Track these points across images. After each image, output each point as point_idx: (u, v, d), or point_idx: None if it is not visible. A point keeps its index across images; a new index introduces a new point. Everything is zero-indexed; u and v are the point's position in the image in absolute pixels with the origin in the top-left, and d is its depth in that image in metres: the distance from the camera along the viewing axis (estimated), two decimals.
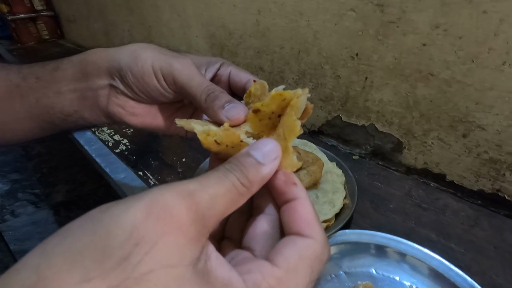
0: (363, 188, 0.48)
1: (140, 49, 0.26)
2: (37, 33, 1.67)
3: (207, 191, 0.14)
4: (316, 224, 0.17)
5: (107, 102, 0.28)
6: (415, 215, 0.43)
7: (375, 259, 0.35)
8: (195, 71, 0.26)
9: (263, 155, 0.17)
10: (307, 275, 0.16)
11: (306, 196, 0.18)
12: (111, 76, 0.27)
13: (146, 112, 0.30)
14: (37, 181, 1.61)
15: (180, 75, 0.25)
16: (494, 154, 0.42)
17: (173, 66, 0.25)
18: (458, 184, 0.47)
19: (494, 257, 0.36)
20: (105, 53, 0.28)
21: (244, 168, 0.16)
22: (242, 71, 0.29)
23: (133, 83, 0.26)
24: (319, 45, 0.56)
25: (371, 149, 0.56)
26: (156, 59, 0.26)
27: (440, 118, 0.46)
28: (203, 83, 0.25)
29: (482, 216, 0.42)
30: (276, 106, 0.19)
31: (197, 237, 0.13)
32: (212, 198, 0.14)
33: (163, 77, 0.26)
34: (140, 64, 0.26)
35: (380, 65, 0.49)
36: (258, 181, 0.16)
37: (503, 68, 0.38)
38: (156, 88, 0.27)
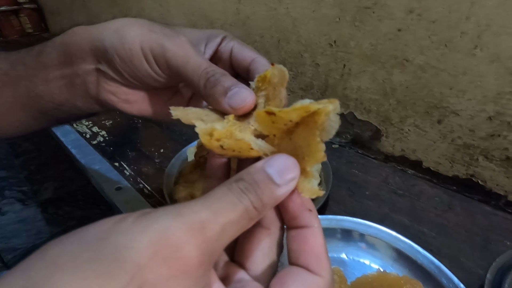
0: (341, 176, 0.48)
1: (127, 26, 0.23)
2: (20, 26, 1.62)
3: (218, 220, 0.13)
4: (325, 259, 0.16)
5: (97, 89, 0.25)
6: (390, 201, 0.43)
7: (345, 244, 0.35)
8: (191, 51, 0.22)
9: (279, 174, 0.15)
10: None
11: (320, 226, 0.16)
12: (97, 59, 0.24)
13: (141, 99, 0.26)
14: (25, 178, 1.58)
15: (173, 57, 0.22)
16: (468, 139, 0.42)
17: (165, 47, 0.22)
18: (434, 171, 0.47)
19: (464, 240, 0.37)
20: (88, 32, 0.24)
21: (260, 190, 0.14)
22: (246, 47, 0.26)
23: (121, 67, 0.23)
24: (298, 33, 0.55)
25: (350, 137, 0.56)
26: (145, 39, 0.22)
27: (416, 104, 0.45)
28: (201, 65, 0.22)
29: (456, 201, 0.42)
30: (296, 116, 0.16)
31: (203, 276, 0.13)
32: (223, 229, 0.13)
33: (155, 60, 0.23)
34: (127, 46, 0.22)
35: (358, 52, 0.49)
36: (271, 204, 0.15)
37: (474, 52, 0.38)
38: (148, 72, 0.23)
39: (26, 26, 1.63)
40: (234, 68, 0.27)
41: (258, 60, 0.24)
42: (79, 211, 1.26)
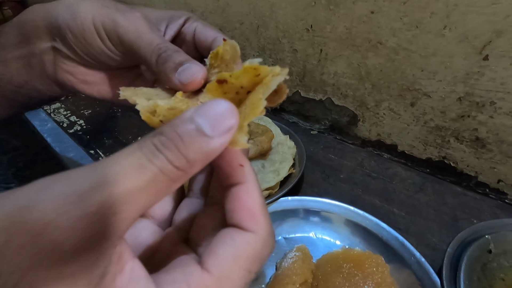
0: (317, 161, 0.48)
1: (80, 1, 0.22)
2: (3, 19, 1.58)
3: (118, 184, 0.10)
4: (260, 214, 0.14)
5: (55, 69, 0.25)
6: (364, 184, 0.43)
7: (314, 224, 0.35)
8: (144, 27, 0.22)
9: (212, 124, 0.12)
10: (243, 278, 0.14)
11: (254, 181, 0.15)
12: (52, 36, 0.24)
13: (100, 80, 0.26)
14: (13, 176, 1.56)
15: (126, 33, 0.21)
16: (439, 121, 0.42)
17: (117, 22, 0.21)
18: (409, 154, 0.47)
19: (433, 219, 0.37)
20: (43, 9, 0.23)
21: (183, 145, 0.12)
22: (209, 27, 0.25)
23: (74, 44, 0.23)
24: (276, 18, 0.55)
25: (329, 124, 0.56)
26: (97, 14, 0.22)
27: (390, 87, 0.45)
28: (153, 41, 0.21)
29: (428, 183, 0.43)
30: (247, 80, 0.16)
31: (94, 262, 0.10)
32: (124, 198, 0.11)
33: (107, 35, 0.22)
34: (79, 21, 0.22)
35: (333, 36, 0.49)
36: (201, 160, 0.12)
37: (444, 32, 0.38)
38: (100, 49, 0.23)
39: (10, 19, 1.59)
40: (198, 49, 0.26)
41: (219, 39, 0.24)
42: None
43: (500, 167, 0.40)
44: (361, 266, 0.27)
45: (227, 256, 0.13)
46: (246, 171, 0.15)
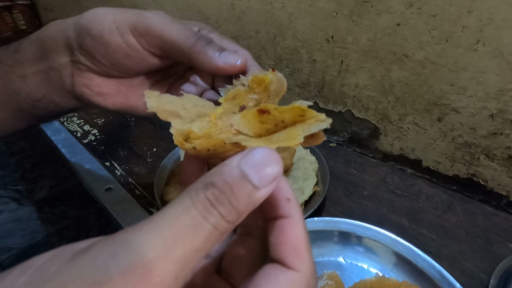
0: (338, 176, 0.47)
1: (102, 9, 0.23)
2: (13, 23, 1.59)
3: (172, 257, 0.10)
4: (304, 251, 0.14)
5: (72, 82, 0.25)
6: (389, 201, 0.42)
7: (343, 247, 0.33)
8: (170, 20, 0.22)
9: (260, 174, 0.12)
10: None
11: (300, 216, 0.15)
12: (70, 49, 0.24)
13: (115, 91, 0.26)
14: (20, 177, 1.56)
15: (154, 23, 0.22)
16: (469, 137, 0.41)
17: (144, 15, 0.22)
18: (434, 170, 0.46)
19: (465, 242, 0.35)
20: (62, 24, 0.24)
21: (234, 198, 0.12)
22: (226, 39, 0.25)
23: (92, 47, 0.23)
24: (294, 28, 0.54)
25: (348, 136, 0.55)
26: (118, 14, 0.22)
27: (415, 101, 0.44)
28: (186, 29, 0.22)
29: (456, 201, 0.41)
30: (290, 117, 0.16)
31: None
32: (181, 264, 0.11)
33: (130, 30, 0.22)
34: (98, 22, 0.22)
35: (355, 47, 0.47)
36: (248, 210, 0.12)
37: (476, 47, 0.36)
38: (120, 46, 0.23)
39: (20, 23, 1.60)
40: None
41: (241, 52, 0.23)
42: (74, 210, 1.25)
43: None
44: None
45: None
46: (293, 205, 0.15)
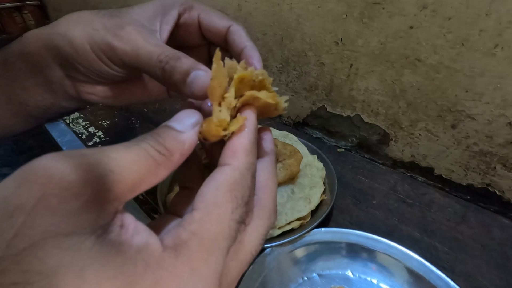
0: (346, 183, 0.45)
1: (72, 27, 0.22)
2: (23, 23, 1.61)
3: (107, 154, 0.12)
4: (241, 152, 0.16)
5: (76, 91, 0.25)
6: (399, 211, 0.40)
7: (351, 259, 0.32)
8: (139, 41, 0.21)
9: (181, 123, 0.16)
10: (229, 201, 0.14)
11: (251, 129, 0.17)
12: (62, 66, 0.24)
13: (119, 91, 0.26)
14: None
15: (124, 55, 0.21)
16: (485, 146, 0.39)
17: (113, 46, 0.21)
18: (447, 178, 0.44)
19: (480, 256, 0.34)
20: (40, 40, 0.23)
21: (159, 137, 0.14)
22: (214, 13, 0.24)
23: (84, 71, 0.23)
24: (302, 30, 0.52)
25: (356, 141, 0.53)
26: (92, 42, 0.21)
27: (427, 107, 0.42)
28: (152, 54, 0.21)
29: (470, 212, 0.39)
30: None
31: (97, 202, 0.11)
32: (115, 161, 0.12)
33: (109, 59, 0.22)
34: (80, 52, 0.22)
35: (365, 50, 0.46)
36: (179, 149, 0.15)
37: (494, 51, 0.35)
38: (109, 72, 0.23)
39: (29, 23, 1.62)
40: (207, 37, 0.25)
41: (234, 29, 0.23)
42: None
43: None
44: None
45: (209, 190, 0.15)
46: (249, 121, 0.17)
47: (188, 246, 0.13)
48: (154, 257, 0.12)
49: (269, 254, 0.31)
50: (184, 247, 0.13)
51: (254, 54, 0.22)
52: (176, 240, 0.13)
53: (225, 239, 0.14)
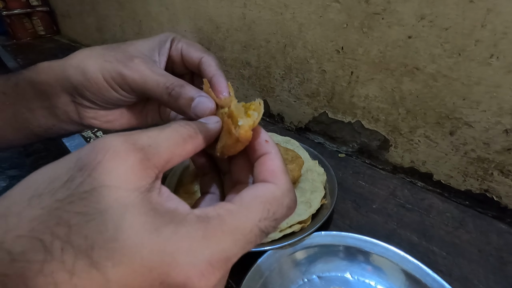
0: (346, 187, 0.46)
1: (85, 60, 0.25)
2: (32, 29, 1.65)
3: (145, 133, 0.15)
4: (280, 173, 0.18)
5: (79, 116, 0.28)
6: (398, 216, 0.41)
7: (350, 262, 0.33)
8: (146, 71, 0.24)
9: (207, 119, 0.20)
10: (260, 211, 0.16)
11: (277, 152, 0.19)
12: (70, 94, 0.26)
13: (120, 115, 0.29)
14: None
15: (133, 82, 0.24)
16: (482, 152, 0.40)
17: (123, 75, 0.24)
18: (445, 184, 0.45)
19: (477, 261, 0.34)
20: (52, 71, 0.26)
21: (186, 121, 0.18)
22: (193, 46, 0.28)
23: (93, 98, 0.26)
24: (304, 38, 0.54)
25: (357, 146, 0.54)
26: (105, 71, 0.25)
27: (426, 114, 0.43)
28: (159, 82, 0.24)
29: (468, 218, 0.40)
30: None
31: (140, 167, 0.14)
32: (152, 138, 0.15)
33: (119, 86, 0.25)
34: (92, 81, 0.25)
35: (366, 59, 0.47)
36: (203, 130, 0.18)
37: (490, 61, 0.36)
38: (117, 98, 0.26)
39: (39, 29, 1.66)
40: (187, 67, 0.29)
41: (205, 60, 0.27)
42: None
43: None
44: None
45: (248, 195, 0.16)
46: (270, 145, 0.19)
47: (209, 220, 0.14)
48: (178, 217, 0.14)
49: (271, 256, 0.32)
50: (205, 220, 0.14)
51: (221, 81, 0.25)
52: (202, 213, 0.15)
53: (243, 235, 0.15)
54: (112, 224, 0.12)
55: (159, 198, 0.14)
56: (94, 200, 0.12)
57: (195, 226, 0.14)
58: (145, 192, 0.14)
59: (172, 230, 0.13)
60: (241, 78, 0.70)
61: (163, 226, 0.13)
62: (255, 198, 0.16)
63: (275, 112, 0.66)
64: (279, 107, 0.65)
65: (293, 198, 0.18)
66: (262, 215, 0.16)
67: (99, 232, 0.12)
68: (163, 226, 0.13)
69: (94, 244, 0.12)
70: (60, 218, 0.12)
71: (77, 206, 0.12)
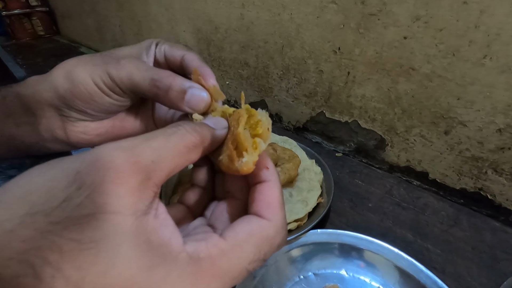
0: (343, 186, 0.47)
1: (73, 68, 0.24)
2: (32, 29, 1.65)
3: (150, 144, 0.14)
4: (277, 207, 0.17)
5: (66, 133, 0.26)
6: (394, 214, 0.42)
7: (345, 260, 0.33)
8: (132, 67, 0.24)
9: (215, 125, 0.19)
10: (252, 253, 0.16)
11: (277, 180, 0.18)
12: (57, 108, 0.25)
13: (111, 127, 0.27)
14: None
15: (121, 81, 0.24)
16: (476, 151, 0.40)
17: (111, 74, 0.23)
18: (441, 183, 0.46)
19: (471, 258, 0.35)
20: (39, 84, 0.25)
21: (194, 125, 0.17)
22: (176, 47, 0.27)
23: (84, 107, 0.25)
24: (302, 39, 0.55)
25: (354, 146, 0.55)
26: (94, 75, 0.24)
27: (421, 114, 0.44)
28: (145, 74, 0.23)
29: (463, 216, 0.41)
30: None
31: (139, 189, 0.13)
32: (156, 151, 0.14)
33: (109, 88, 0.24)
34: (82, 87, 0.24)
35: (362, 59, 0.48)
36: (209, 138, 0.17)
37: (484, 61, 0.36)
38: (111, 103, 0.25)
39: (38, 29, 1.66)
40: (171, 69, 0.27)
41: (187, 56, 0.26)
42: None
43: None
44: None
45: (242, 231, 0.16)
46: (271, 172, 0.18)
47: (200, 263, 0.14)
48: (171, 255, 0.13)
49: None
50: (197, 262, 0.14)
51: (206, 70, 0.24)
52: (194, 252, 0.14)
53: (232, 278, 0.15)
54: (106, 256, 0.12)
55: (155, 223, 0.14)
56: (90, 227, 0.12)
57: (186, 269, 0.14)
58: (141, 216, 0.13)
59: (164, 272, 0.13)
60: (239, 78, 0.71)
61: (156, 266, 0.13)
62: (249, 238, 0.16)
63: (273, 112, 0.67)
64: (277, 107, 0.66)
65: (284, 237, 0.17)
66: (254, 257, 0.16)
67: (92, 264, 0.11)
68: (156, 266, 0.13)
69: (85, 276, 0.11)
70: (53, 243, 0.11)
71: (72, 232, 0.11)
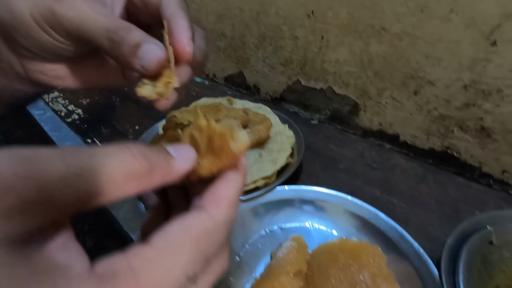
0: (316, 151, 0.47)
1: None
2: None
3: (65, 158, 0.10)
4: (224, 204, 0.14)
5: (25, 70, 0.23)
6: (364, 174, 0.42)
7: (311, 213, 0.34)
8: (85, 10, 0.19)
9: (178, 152, 0.14)
10: (189, 251, 0.12)
11: (238, 181, 0.15)
12: (6, 40, 0.21)
13: (70, 71, 0.24)
14: None
15: (68, 22, 0.19)
16: (443, 110, 0.41)
17: (56, 12, 0.19)
18: (411, 144, 0.46)
19: (434, 210, 0.36)
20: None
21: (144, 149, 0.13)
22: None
23: (25, 43, 0.21)
24: (276, 4, 0.53)
25: (330, 113, 0.55)
26: (33, 8, 0.19)
27: (392, 75, 0.44)
28: (99, 23, 0.19)
29: (430, 174, 0.42)
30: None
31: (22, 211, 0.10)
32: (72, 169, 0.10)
33: (50, 27, 0.20)
34: (19, 20, 0.19)
35: (335, 22, 0.47)
36: (164, 169, 0.13)
37: (450, 16, 0.36)
38: (51, 43, 0.20)
39: None
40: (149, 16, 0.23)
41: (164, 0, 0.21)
42: None
43: (505, 158, 0.38)
44: (357, 257, 0.27)
45: (174, 229, 0.13)
46: (236, 173, 0.15)
47: (116, 280, 0.10)
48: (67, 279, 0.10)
49: None
50: (111, 279, 0.10)
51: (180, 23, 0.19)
52: (108, 268, 0.11)
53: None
54: None
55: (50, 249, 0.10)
56: None
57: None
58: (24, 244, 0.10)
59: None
60: (217, 50, 0.69)
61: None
62: (182, 234, 0.13)
63: (251, 83, 0.66)
64: (255, 78, 0.65)
65: (226, 237, 0.14)
66: (193, 255, 0.12)
67: None
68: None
69: None
70: None
71: None
